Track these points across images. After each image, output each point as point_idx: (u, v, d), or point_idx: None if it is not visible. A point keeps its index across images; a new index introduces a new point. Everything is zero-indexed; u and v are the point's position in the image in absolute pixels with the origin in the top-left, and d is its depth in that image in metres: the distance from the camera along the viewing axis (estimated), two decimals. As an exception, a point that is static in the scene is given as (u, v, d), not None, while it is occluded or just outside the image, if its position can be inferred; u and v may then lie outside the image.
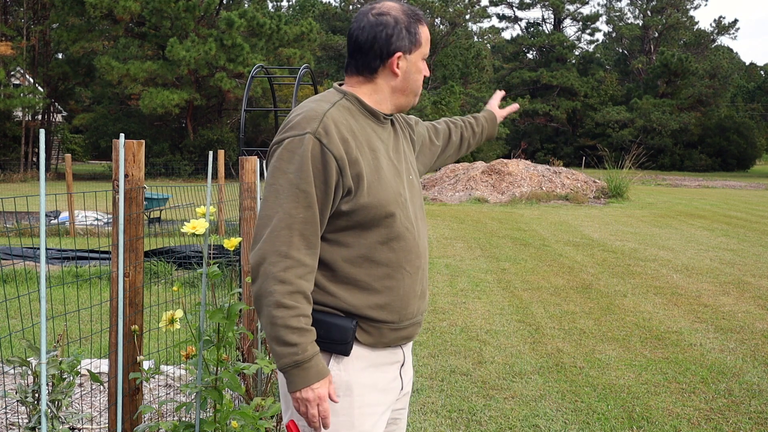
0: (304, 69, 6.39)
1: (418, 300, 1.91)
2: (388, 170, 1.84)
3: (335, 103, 1.82)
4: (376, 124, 1.90)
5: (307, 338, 1.70)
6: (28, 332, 5.09)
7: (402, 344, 1.93)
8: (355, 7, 55.08)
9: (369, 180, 1.76)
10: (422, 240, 1.93)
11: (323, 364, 1.72)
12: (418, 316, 1.94)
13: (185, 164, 32.99)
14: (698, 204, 20.35)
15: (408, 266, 1.85)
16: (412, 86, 1.92)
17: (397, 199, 1.83)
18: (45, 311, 2.07)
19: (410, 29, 1.87)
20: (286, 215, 1.70)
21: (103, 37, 34.65)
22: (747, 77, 68.29)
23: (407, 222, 1.86)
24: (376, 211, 1.77)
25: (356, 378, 1.82)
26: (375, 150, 1.83)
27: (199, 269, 2.47)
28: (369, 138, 1.84)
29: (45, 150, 2.05)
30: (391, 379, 1.91)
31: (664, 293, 7.58)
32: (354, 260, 1.78)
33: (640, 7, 61.83)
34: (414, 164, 2.04)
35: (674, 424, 3.96)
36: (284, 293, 1.68)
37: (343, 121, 1.79)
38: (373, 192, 1.77)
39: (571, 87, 56.01)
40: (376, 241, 1.79)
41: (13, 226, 9.01)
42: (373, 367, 1.86)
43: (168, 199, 13.87)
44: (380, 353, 1.87)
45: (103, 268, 7.56)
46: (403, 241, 1.84)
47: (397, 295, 1.83)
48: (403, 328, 1.88)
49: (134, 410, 2.72)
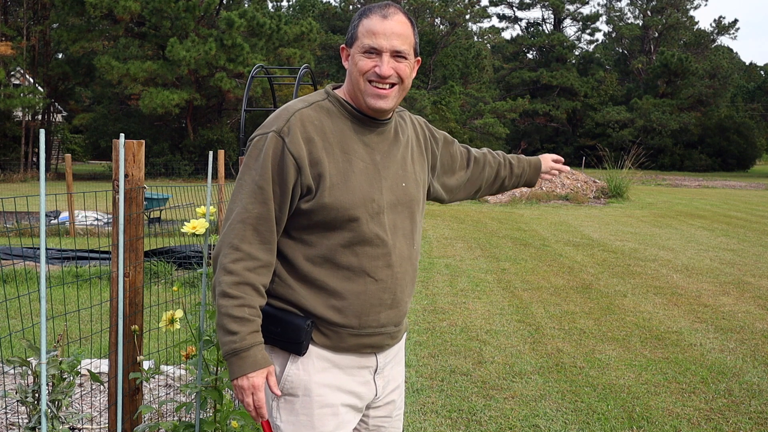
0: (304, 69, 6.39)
1: (386, 309, 1.85)
2: (362, 174, 1.80)
3: (313, 102, 1.84)
4: (361, 126, 1.84)
5: (248, 328, 1.72)
6: (28, 332, 5.09)
7: (370, 352, 1.88)
8: (355, 7, 55.06)
9: (333, 181, 1.75)
10: (401, 249, 1.86)
11: (263, 355, 1.74)
12: (387, 326, 1.88)
13: (185, 164, 32.99)
14: (698, 204, 20.35)
15: (374, 273, 1.80)
16: (354, 83, 1.81)
17: (366, 203, 1.78)
18: (45, 311, 2.07)
19: (354, 21, 1.83)
20: (243, 210, 1.76)
21: (103, 37, 34.63)
22: (747, 77, 68.29)
23: (377, 228, 1.80)
24: (337, 213, 1.76)
25: (316, 378, 1.82)
26: (348, 152, 1.80)
27: (199, 269, 2.47)
28: (344, 140, 1.80)
29: (45, 150, 2.05)
30: (360, 383, 1.89)
31: (664, 293, 7.58)
32: (315, 259, 1.79)
33: (640, 7, 61.83)
34: (417, 174, 1.96)
35: (674, 424, 3.96)
36: (230, 283, 1.72)
37: (315, 122, 1.79)
38: (335, 194, 1.75)
39: (571, 87, 56.00)
40: (338, 244, 1.78)
41: (13, 226, 9.01)
42: (337, 369, 1.84)
43: (168, 199, 13.86)
44: (344, 356, 1.85)
45: (103, 268, 7.55)
46: (369, 247, 1.79)
47: (356, 300, 1.80)
48: (366, 335, 1.84)
49: (134, 410, 2.72)
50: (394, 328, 1.90)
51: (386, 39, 1.77)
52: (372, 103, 1.79)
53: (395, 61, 1.79)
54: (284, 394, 1.83)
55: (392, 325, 1.89)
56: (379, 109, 1.80)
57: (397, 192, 1.86)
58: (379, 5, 1.81)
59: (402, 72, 1.80)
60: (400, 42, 1.78)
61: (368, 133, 1.85)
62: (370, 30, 1.77)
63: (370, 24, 1.78)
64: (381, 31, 1.76)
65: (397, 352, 2.02)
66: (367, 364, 1.89)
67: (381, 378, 1.94)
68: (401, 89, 1.83)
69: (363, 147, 1.83)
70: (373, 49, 1.77)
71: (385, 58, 1.77)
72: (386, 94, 1.79)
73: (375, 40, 1.76)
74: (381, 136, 1.87)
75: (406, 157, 1.93)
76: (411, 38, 1.82)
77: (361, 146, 1.82)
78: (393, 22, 1.78)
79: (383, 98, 1.79)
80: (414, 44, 1.84)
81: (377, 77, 1.77)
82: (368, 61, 1.78)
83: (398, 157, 1.90)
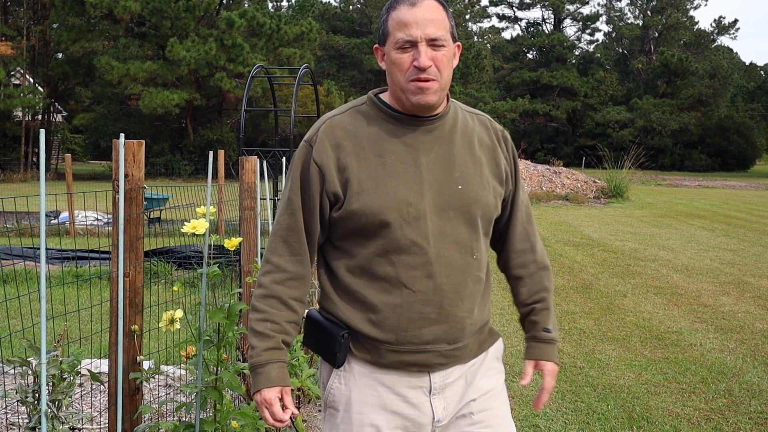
0: (304, 69, 6.38)
1: (430, 325, 1.68)
2: (398, 176, 1.68)
3: (350, 108, 1.77)
4: (402, 126, 1.72)
5: (265, 344, 1.69)
6: (28, 332, 5.09)
7: (417, 371, 1.72)
8: (355, 7, 55.06)
9: (362, 186, 1.66)
10: (448, 258, 1.69)
11: (278, 372, 1.70)
12: (436, 344, 1.70)
13: (185, 164, 32.99)
14: (698, 204, 20.34)
15: (411, 284, 1.67)
16: (395, 82, 1.70)
17: (400, 208, 1.66)
18: (45, 311, 2.06)
19: (383, 17, 1.71)
20: (276, 222, 1.77)
21: (103, 37, 34.65)
22: (747, 77, 68.25)
23: (414, 234, 1.66)
24: (367, 219, 1.66)
25: (356, 395, 1.74)
26: (384, 155, 1.69)
27: (199, 269, 2.46)
28: (380, 142, 1.70)
29: (45, 150, 2.05)
30: (409, 405, 1.73)
31: (664, 293, 7.58)
32: (354, 270, 1.71)
33: (640, 7, 61.82)
34: (485, 177, 1.76)
35: (674, 424, 3.96)
36: (258, 296, 1.72)
37: (348, 127, 1.72)
38: (363, 199, 1.66)
39: (571, 87, 55.99)
40: (374, 252, 1.68)
41: (13, 226, 9.01)
42: (381, 386, 1.73)
43: (168, 199, 13.86)
44: (389, 374, 1.72)
45: (103, 268, 7.56)
46: (405, 256, 1.66)
47: (392, 314, 1.67)
48: (408, 352, 1.70)
49: (134, 410, 2.72)
50: (447, 346, 1.71)
51: (419, 27, 1.63)
52: (415, 100, 1.66)
53: (432, 50, 1.65)
54: (328, 406, 1.79)
55: (443, 342, 1.70)
56: (424, 104, 1.67)
57: (448, 195, 1.69)
58: None
59: (440, 62, 1.66)
60: (435, 28, 1.64)
61: (411, 133, 1.71)
62: (401, 21, 1.64)
63: (399, 15, 1.65)
64: (412, 20, 1.63)
65: (466, 371, 1.80)
66: (418, 384, 1.73)
67: (441, 399, 1.75)
68: (443, 80, 1.68)
69: (404, 148, 1.70)
70: (407, 42, 1.64)
71: (422, 48, 1.64)
72: (428, 87, 1.65)
73: (407, 30, 1.63)
74: (430, 134, 1.72)
75: (465, 157, 1.74)
76: (446, 22, 1.67)
77: (402, 147, 1.70)
78: (423, 8, 1.64)
79: (425, 92, 1.65)
80: (450, 28, 1.68)
81: (417, 71, 1.64)
82: (404, 55, 1.65)
83: (453, 157, 1.73)
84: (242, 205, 3.88)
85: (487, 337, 1.86)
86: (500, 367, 1.91)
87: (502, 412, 1.86)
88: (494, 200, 1.77)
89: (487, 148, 1.79)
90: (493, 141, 1.81)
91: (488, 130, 1.82)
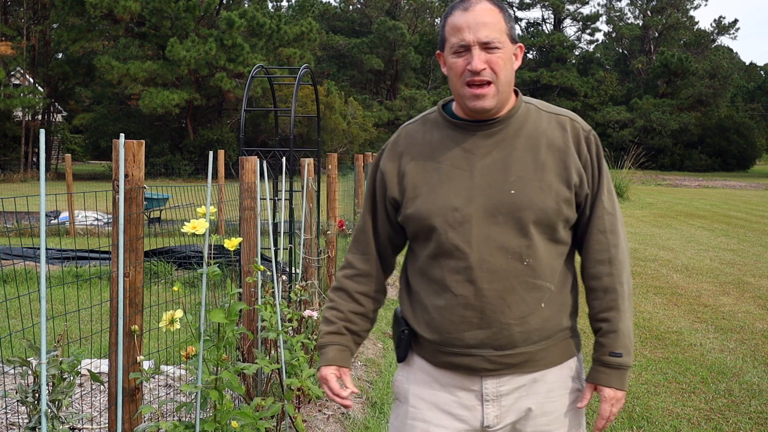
0: (304, 69, 6.38)
1: (473, 329, 1.70)
2: (451, 182, 1.72)
3: (421, 117, 1.87)
4: (461, 132, 1.75)
5: (328, 328, 1.88)
6: (28, 332, 5.09)
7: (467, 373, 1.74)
8: (355, 7, 55.05)
9: (417, 192, 1.75)
10: (492, 264, 1.68)
11: (335, 354, 1.86)
12: (480, 348, 1.70)
13: (185, 164, 32.98)
14: (698, 204, 20.34)
15: (453, 288, 1.70)
16: (454, 87, 1.74)
17: (446, 212, 1.69)
18: (45, 311, 2.06)
19: (441, 23, 1.77)
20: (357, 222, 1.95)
21: (103, 37, 34.65)
22: (747, 77, 68.25)
23: (458, 239, 1.68)
24: (418, 224, 1.75)
25: (414, 389, 1.82)
26: (441, 161, 1.74)
27: (199, 269, 2.47)
28: (440, 149, 1.75)
29: (45, 150, 2.05)
30: (461, 406, 1.76)
31: (664, 293, 7.58)
32: (416, 271, 1.80)
33: (640, 7, 61.81)
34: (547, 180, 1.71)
35: (674, 424, 3.96)
36: (332, 288, 1.93)
37: (415, 134, 1.82)
38: (416, 204, 1.74)
39: (571, 87, 55.97)
40: (427, 255, 1.75)
41: (13, 226, 9.01)
42: (437, 384, 1.78)
43: (168, 199, 13.86)
44: (444, 373, 1.77)
45: (103, 268, 7.55)
46: (450, 260, 1.70)
47: (438, 315, 1.73)
48: (452, 354, 1.73)
49: (134, 410, 2.72)
50: (493, 351, 1.70)
51: (471, 31, 1.66)
52: (472, 105, 1.70)
53: (487, 53, 1.66)
54: (394, 396, 1.92)
55: (488, 347, 1.70)
56: (480, 110, 1.70)
57: (499, 199, 1.69)
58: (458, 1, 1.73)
59: (495, 64, 1.67)
60: (488, 31, 1.66)
61: (470, 138, 1.74)
62: (455, 26, 1.69)
63: (454, 20, 1.70)
64: (464, 24, 1.67)
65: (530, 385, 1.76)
66: (470, 387, 1.75)
67: (494, 407, 1.74)
68: (500, 82, 1.69)
69: (461, 153, 1.73)
70: (461, 47, 1.68)
71: (475, 52, 1.66)
72: (484, 93, 1.68)
73: (460, 35, 1.67)
74: (489, 138, 1.73)
75: (526, 160, 1.71)
76: (501, 24, 1.69)
77: (459, 153, 1.74)
78: (476, 11, 1.67)
79: (481, 98, 1.68)
80: (507, 29, 1.70)
81: (471, 74, 1.67)
82: (459, 59, 1.69)
83: (511, 160, 1.71)
84: (242, 205, 3.88)
85: (560, 350, 1.79)
86: (572, 387, 1.82)
87: None
88: (555, 205, 1.70)
89: (556, 151, 1.73)
90: (566, 142, 1.74)
91: (564, 131, 1.76)
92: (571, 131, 1.76)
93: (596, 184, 1.77)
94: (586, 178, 1.75)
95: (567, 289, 1.78)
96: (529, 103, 1.80)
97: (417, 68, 51.72)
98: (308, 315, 3.95)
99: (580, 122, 1.80)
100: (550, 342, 1.76)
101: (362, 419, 3.94)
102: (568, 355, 1.81)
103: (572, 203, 1.74)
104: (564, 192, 1.71)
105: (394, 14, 51.63)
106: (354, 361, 4.95)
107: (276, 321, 3.37)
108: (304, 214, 5.42)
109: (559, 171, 1.72)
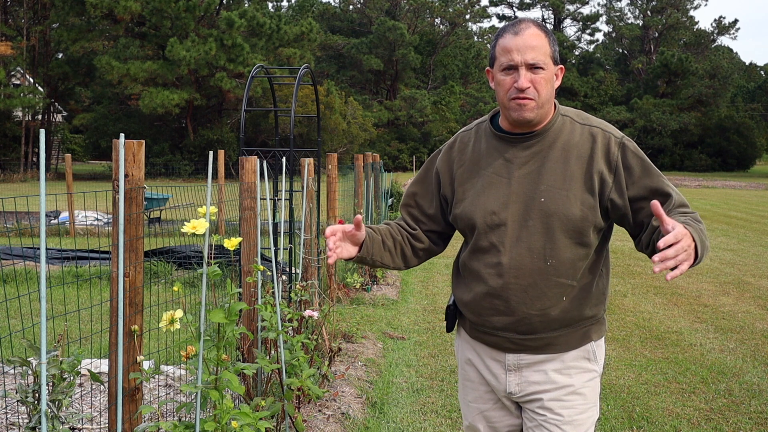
0: (304, 69, 6.38)
1: (499, 315, 1.96)
2: (492, 188, 1.95)
3: (476, 124, 2.10)
4: (504, 143, 1.97)
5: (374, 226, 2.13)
6: (29, 332, 5.09)
7: (495, 348, 2.04)
8: (354, 7, 55.05)
9: (464, 195, 2.00)
10: (519, 262, 1.90)
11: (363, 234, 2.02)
12: (505, 332, 1.98)
13: (185, 164, 32.97)
14: (698, 204, 20.34)
15: (486, 279, 1.96)
16: (500, 101, 1.94)
17: (486, 216, 1.94)
18: (45, 311, 2.06)
19: (493, 42, 1.98)
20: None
21: (103, 37, 34.66)
22: (747, 77, 68.27)
23: (494, 239, 1.93)
24: (464, 223, 2.00)
25: (461, 355, 2.18)
26: (485, 168, 1.98)
27: (199, 269, 2.46)
28: (486, 157, 1.99)
29: (45, 150, 2.05)
30: (491, 373, 2.07)
31: (664, 293, 7.58)
32: (463, 260, 2.06)
33: (640, 7, 61.82)
34: (573, 190, 1.87)
35: (674, 424, 3.96)
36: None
37: (467, 141, 2.07)
38: (462, 206, 2.00)
39: (571, 87, 55.98)
40: (470, 249, 2.01)
41: (13, 226, 9.01)
42: (474, 352, 2.11)
43: (168, 199, 13.86)
44: (480, 345, 2.09)
45: (103, 268, 7.55)
46: (486, 255, 1.96)
47: (474, 299, 2.01)
48: (484, 332, 2.04)
49: (134, 410, 2.72)
50: (516, 335, 1.97)
51: (519, 53, 1.86)
52: (515, 116, 1.89)
53: (532, 73, 1.86)
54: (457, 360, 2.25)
55: (512, 332, 1.97)
56: (522, 120, 1.89)
57: (531, 206, 1.90)
58: (512, 23, 1.92)
59: (538, 83, 1.87)
60: (535, 54, 1.86)
61: (511, 149, 1.96)
62: (505, 48, 1.89)
63: (504, 42, 1.89)
64: (514, 47, 1.86)
65: (546, 362, 1.99)
66: (497, 358, 2.05)
67: (516, 376, 2.03)
68: (541, 98, 1.88)
69: (502, 163, 1.96)
70: (509, 66, 1.88)
71: (522, 72, 1.86)
72: (526, 104, 1.87)
73: (509, 56, 1.87)
74: (527, 150, 1.94)
75: (557, 171, 1.90)
76: (546, 48, 1.88)
77: (501, 162, 1.96)
78: (525, 36, 1.87)
79: (523, 109, 1.87)
80: (551, 53, 1.90)
81: (517, 91, 1.87)
82: (507, 77, 1.89)
83: (543, 171, 1.91)
84: (242, 205, 3.89)
85: (579, 336, 2.00)
86: (587, 367, 2.02)
87: (575, 409, 1.99)
88: (581, 212, 1.88)
89: (582, 161, 1.91)
90: (593, 152, 1.90)
91: (594, 142, 1.91)
92: (600, 141, 1.92)
93: (644, 182, 1.87)
94: (612, 183, 1.88)
95: (593, 283, 1.98)
96: (565, 115, 1.98)
97: (417, 68, 51.74)
98: (308, 315, 3.94)
99: (612, 131, 1.95)
100: (570, 329, 1.99)
101: (362, 419, 3.94)
102: (587, 340, 2.02)
103: (594, 209, 1.90)
104: (589, 200, 1.89)
105: (394, 14, 51.64)
106: (354, 362, 4.95)
107: (276, 321, 3.37)
108: (304, 214, 5.42)
109: (585, 180, 1.90)
